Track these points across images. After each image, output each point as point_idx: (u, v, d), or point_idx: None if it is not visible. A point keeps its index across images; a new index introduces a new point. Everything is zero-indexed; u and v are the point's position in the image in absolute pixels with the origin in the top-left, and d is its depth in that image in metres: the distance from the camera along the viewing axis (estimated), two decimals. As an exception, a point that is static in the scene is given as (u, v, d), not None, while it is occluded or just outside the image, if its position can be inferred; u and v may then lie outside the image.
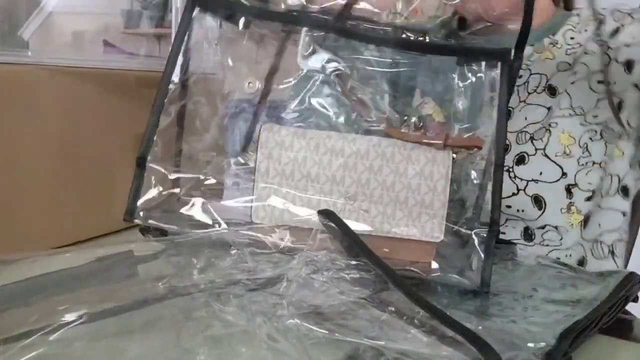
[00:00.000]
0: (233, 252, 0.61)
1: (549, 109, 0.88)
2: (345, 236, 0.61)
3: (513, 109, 0.90)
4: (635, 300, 0.64)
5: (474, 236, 0.64)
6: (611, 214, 0.84)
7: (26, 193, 0.72)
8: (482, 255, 0.63)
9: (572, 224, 0.85)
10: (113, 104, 0.84)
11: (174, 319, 0.49)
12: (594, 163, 0.86)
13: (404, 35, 0.67)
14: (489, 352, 0.45)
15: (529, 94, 0.91)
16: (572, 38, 0.93)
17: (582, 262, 0.84)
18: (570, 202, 0.85)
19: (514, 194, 0.86)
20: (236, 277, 0.56)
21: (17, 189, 0.71)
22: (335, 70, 0.67)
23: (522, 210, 0.86)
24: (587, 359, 0.53)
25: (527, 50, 0.92)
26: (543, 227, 0.86)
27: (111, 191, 0.82)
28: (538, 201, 0.86)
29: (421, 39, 0.67)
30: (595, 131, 0.86)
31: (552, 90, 0.90)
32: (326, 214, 0.62)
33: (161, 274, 0.56)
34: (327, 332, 0.48)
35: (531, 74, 0.93)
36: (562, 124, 0.85)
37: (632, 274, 0.65)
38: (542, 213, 0.86)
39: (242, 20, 0.67)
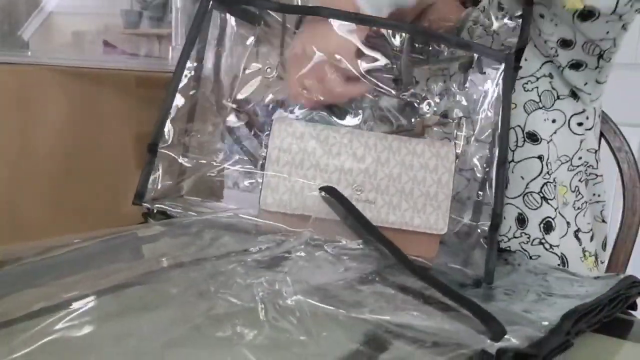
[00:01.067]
0: (237, 233, 0.61)
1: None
2: (347, 211, 0.61)
3: None
4: (634, 307, 0.65)
5: (477, 229, 0.65)
6: (528, 162, 0.82)
7: (27, 191, 0.72)
8: (486, 247, 0.63)
9: None
10: (113, 104, 0.84)
11: (179, 299, 0.50)
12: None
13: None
14: (493, 324, 0.45)
15: None
16: None
17: (522, 220, 0.83)
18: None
19: None
20: (241, 256, 0.57)
21: (18, 187, 0.71)
22: None
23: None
24: (588, 359, 0.53)
25: None
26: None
27: (112, 189, 0.82)
28: None
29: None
30: None
31: None
32: (328, 191, 0.63)
33: (165, 252, 0.57)
34: (331, 308, 0.48)
35: None
36: None
37: (630, 276, 0.66)
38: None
39: (256, 14, 0.68)
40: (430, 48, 0.71)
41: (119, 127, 0.84)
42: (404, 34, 0.68)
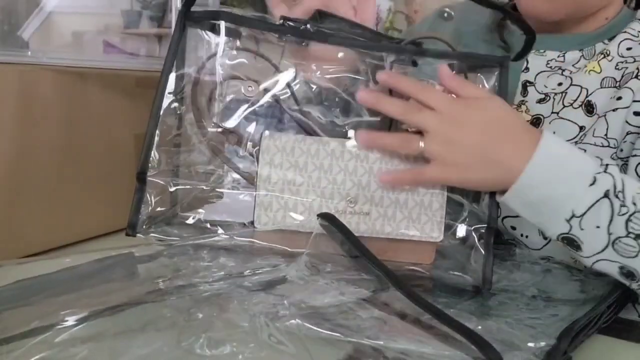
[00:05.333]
0: (234, 254, 0.61)
1: (581, 128, 0.78)
2: (345, 239, 0.61)
3: (544, 118, 0.82)
4: (634, 301, 0.64)
5: (473, 234, 0.65)
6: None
7: (26, 192, 0.72)
8: (483, 253, 0.63)
9: None
10: (113, 104, 0.84)
11: (175, 319, 0.50)
12: None
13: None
14: (490, 351, 0.46)
15: (565, 106, 0.80)
16: (628, 49, 0.81)
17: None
18: None
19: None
20: (237, 279, 0.57)
21: (16, 188, 0.71)
22: None
23: (527, 237, 0.79)
24: (587, 359, 0.53)
25: (575, 55, 0.84)
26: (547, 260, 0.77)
27: (111, 190, 0.82)
28: None
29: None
30: (620, 166, 0.74)
31: (589, 108, 0.79)
32: (326, 218, 0.63)
33: (161, 274, 0.57)
34: (328, 332, 0.48)
35: (572, 84, 0.81)
36: (590, 153, 0.73)
37: None
38: (546, 244, 0.77)
39: (228, 28, 0.66)
40: None
41: (119, 127, 0.85)
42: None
